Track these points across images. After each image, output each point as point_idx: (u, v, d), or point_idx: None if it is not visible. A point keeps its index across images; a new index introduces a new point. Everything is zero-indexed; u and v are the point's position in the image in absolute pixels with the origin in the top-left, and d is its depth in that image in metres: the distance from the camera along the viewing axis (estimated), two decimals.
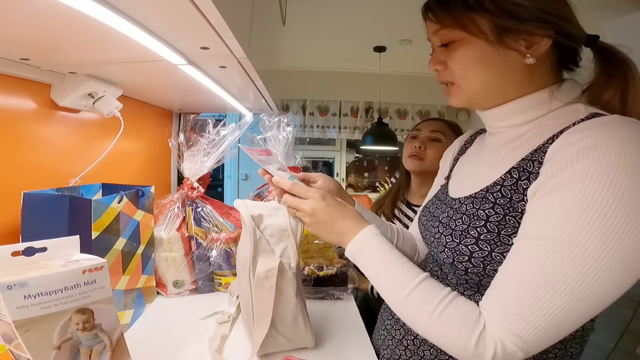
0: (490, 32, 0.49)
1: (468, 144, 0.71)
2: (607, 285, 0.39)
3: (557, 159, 0.43)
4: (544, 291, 0.40)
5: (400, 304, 0.50)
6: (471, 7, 0.49)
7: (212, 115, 1.22)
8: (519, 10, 0.48)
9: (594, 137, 0.40)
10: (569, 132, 0.44)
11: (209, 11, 0.45)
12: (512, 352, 0.42)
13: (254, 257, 0.64)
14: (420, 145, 1.12)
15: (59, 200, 0.66)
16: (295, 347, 0.68)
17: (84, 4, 0.42)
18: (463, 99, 0.55)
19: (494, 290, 0.46)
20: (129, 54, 0.67)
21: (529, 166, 0.48)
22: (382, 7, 1.88)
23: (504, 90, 0.52)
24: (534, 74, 0.51)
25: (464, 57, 0.52)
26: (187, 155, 0.95)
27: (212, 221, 0.96)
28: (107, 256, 0.68)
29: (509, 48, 0.49)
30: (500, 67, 0.51)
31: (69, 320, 0.45)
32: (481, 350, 0.43)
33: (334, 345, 0.72)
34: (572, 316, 0.40)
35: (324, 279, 0.95)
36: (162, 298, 0.92)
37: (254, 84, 0.91)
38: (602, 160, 0.39)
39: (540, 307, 0.40)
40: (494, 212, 0.49)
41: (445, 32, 0.53)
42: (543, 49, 0.49)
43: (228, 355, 0.67)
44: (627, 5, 1.74)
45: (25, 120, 0.76)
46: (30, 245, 0.48)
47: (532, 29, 0.48)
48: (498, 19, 0.48)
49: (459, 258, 0.52)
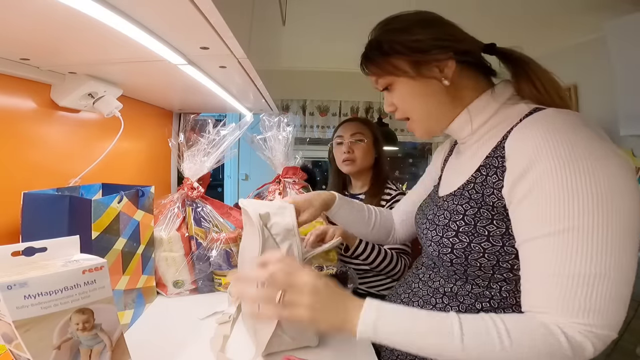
0: (410, 69, 0.58)
1: (456, 144, 0.75)
2: (625, 246, 0.43)
3: (516, 157, 0.49)
4: (583, 279, 0.43)
5: (462, 356, 0.44)
6: (387, 53, 0.60)
7: (212, 115, 1.22)
8: (420, 45, 0.58)
9: (536, 134, 0.47)
10: (517, 128, 0.51)
11: (209, 11, 0.45)
12: (604, 336, 0.43)
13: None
14: (348, 150, 1.28)
15: (59, 200, 0.66)
16: (299, 345, 0.68)
17: (84, 4, 0.42)
18: (421, 129, 0.65)
19: (536, 294, 0.46)
20: (129, 54, 0.67)
21: (494, 162, 0.54)
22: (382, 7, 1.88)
23: (442, 112, 0.62)
24: (459, 91, 0.60)
25: (401, 95, 0.62)
26: (187, 155, 0.95)
27: (212, 221, 0.96)
28: (107, 256, 0.68)
29: (428, 77, 0.58)
30: (429, 95, 0.60)
31: (69, 320, 0.45)
32: (578, 349, 0.43)
33: (334, 345, 0.72)
34: (618, 285, 0.43)
35: None
36: (162, 298, 0.92)
37: (254, 84, 0.91)
38: (552, 155, 0.45)
39: (591, 293, 0.42)
40: (470, 207, 0.55)
41: (381, 80, 0.63)
42: (451, 70, 0.57)
43: (231, 355, 0.67)
44: (627, 5, 1.74)
45: (25, 120, 0.76)
46: (30, 245, 0.48)
47: (436, 56, 0.57)
48: (409, 56, 0.58)
49: (443, 250, 0.57)
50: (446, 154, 0.78)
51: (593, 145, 0.45)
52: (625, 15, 1.75)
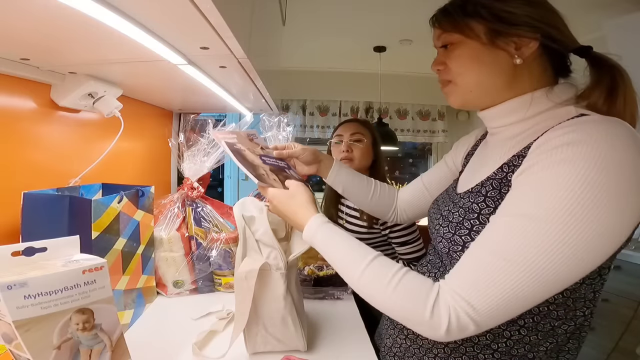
0: (484, 34, 0.54)
1: (480, 139, 0.73)
2: (561, 268, 0.41)
3: (539, 150, 0.46)
4: (498, 260, 0.43)
5: (356, 282, 0.53)
6: (468, 14, 0.56)
7: (212, 115, 1.22)
8: (510, 16, 0.53)
9: (574, 133, 0.43)
10: (553, 128, 0.47)
11: (209, 11, 0.45)
12: (465, 323, 0.43)
13: (242, 256, 0.66)
14: (347, 149, 1.29)
15: (59, 200, 0.66)
16: (286, 348, 0.68)
17: (84, 4, 0.42)
18: (459, 96, 0.60)
19: (457, 263, 0.49)
20: (129, 54, 0.67)
21: (516, 160, 0.52)
22: (382, 7, 1.88)
23: (495, 89, 0.57)
24: (522, 75, 0.55)
25: (460, 57, 0.57)
26: (187, 155, 0.95)
27: (212, 221, 0.96)
28: (107, 256, 0.68)
29: (500, 49, 0.54)
30: (491, 66, 0.55)
31: (69, 320, 0.45)
32: (436, 320, 0.45)
33: (334, 345, 0.72)
34: (524, 292, 0.42)
35: (324, 279, 0.95)
36: (162, 298, 0.92)
37: (254, 84, 0.91)
38: (579, 153, 0.41)
39: (492, 276, 0.43)
40: (486, 205, 0.53)
41: (446, 35, 0.59)
42: (530, 51, 0.53)
43: (214, 351, 0.68)
44: (627, 5, 1.74)
45: (25, 120, 0.76)
46: (30, 245, 0.48)
47: (521, 32, 0.53)
48: (491, 23, 0.54)
49: (453, 248, 0.55)
50: (469, 148, 0.75)
51: (626, 167, 0.40)
52: (625, 15, 1.75)
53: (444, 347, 0.57)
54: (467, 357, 0.55)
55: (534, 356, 0.53)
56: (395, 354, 0.66)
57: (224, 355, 0.64)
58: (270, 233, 0.67)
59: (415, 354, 0.62)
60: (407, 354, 0.63)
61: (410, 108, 3.32)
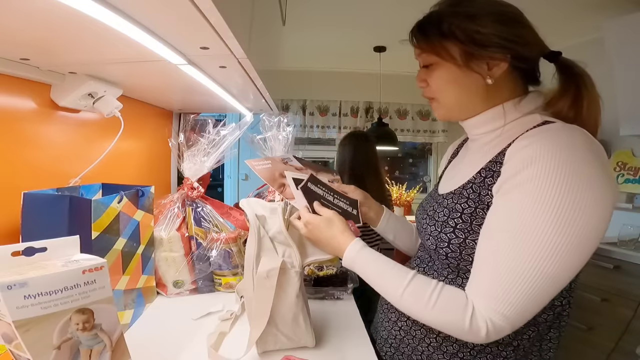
0: (459, 57, 0.58)
1: (459, 147, 0.79)
2: (564, 264, 0.48)
3: (512, 162, 0.53)
4: (515, 276, 0.49)
5: (398, 303, 0.58)
6: (444, 35, 0.59)
7: (212, 115, 1.22)
8: (482, 38, 0.57)
9: (536, 144, 0.50)
10: (520, 138, 0.54)
11: (209, 11, 0.45)
12: (500, 327, 0.50)
13: (257, 255, 0.66)
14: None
15: (59, 200, 0.66)
16: (295, 345, 0.68)
17: (84, 4, 0.42)
18: (443, 113, 0.67)
19: (475, 278, 0.54)
20: (129, 54, 0.67)
21: (493, 166, 0.57)
22: (382, 7, 1.88)
23: (472, 105, 0.63)
24: (495, 90, 0.60)
25: (439, 79, 0.63)
26: (187, 155, 0.95)
27: (212, 221, 0.96)
28: (107, 256, 0.68)
29: (474, 71, 0.58)
30: (467, 86, 0.61)
31: (69, 320, 0.45)
32: (475, 328, 0.51)
33: (334, 345, 0.72)
34: (542, 292, 0.49)
35: (324, 279, 0.95)
36: (162, 298, 0.92)
37: (254, 84, 0.91)
38: (545, 166, 0.48)
39: (515, 289, 0.49)
40: (467, 206, 0.59)
41: (425, 56, 0.63)
42: (501, 71, 0.58)
43: (225, 352, 0.67)
44: (627, 5, 1.74)
45: (25, 120, 0.76)
46: (30, 245, 0.48)
47: (492, 54, 0.57)
48: (465, 45, 0.58)
49: (440, 244, 0.61)
50: (449, 156, 0.80)
51: (585, 169, 0.48)
52: (625, 15, 1.75)
53: (435, 335, 0.63)
54: (457, 345, 0.60)
55: (518, 344, 0.59)
56: (391, 345, 0.70)
57: (242, 357, 0.63)
58: (284, 231, 0.68)
59: (409, 343, 0.66)
60: (402, 344, 0.67)
61: (410, 108, 3.32)
